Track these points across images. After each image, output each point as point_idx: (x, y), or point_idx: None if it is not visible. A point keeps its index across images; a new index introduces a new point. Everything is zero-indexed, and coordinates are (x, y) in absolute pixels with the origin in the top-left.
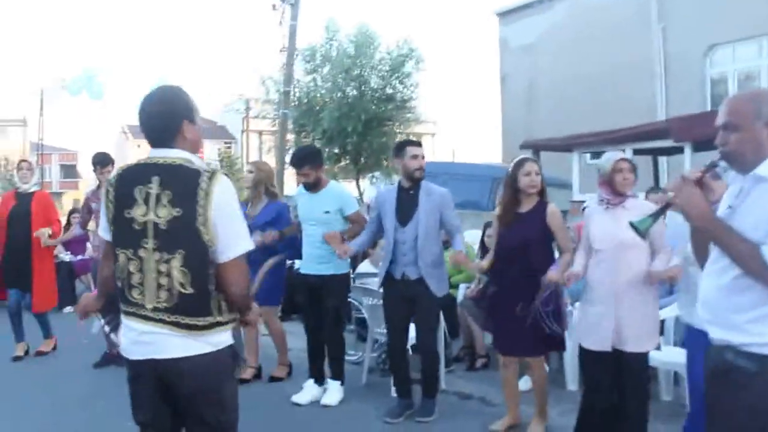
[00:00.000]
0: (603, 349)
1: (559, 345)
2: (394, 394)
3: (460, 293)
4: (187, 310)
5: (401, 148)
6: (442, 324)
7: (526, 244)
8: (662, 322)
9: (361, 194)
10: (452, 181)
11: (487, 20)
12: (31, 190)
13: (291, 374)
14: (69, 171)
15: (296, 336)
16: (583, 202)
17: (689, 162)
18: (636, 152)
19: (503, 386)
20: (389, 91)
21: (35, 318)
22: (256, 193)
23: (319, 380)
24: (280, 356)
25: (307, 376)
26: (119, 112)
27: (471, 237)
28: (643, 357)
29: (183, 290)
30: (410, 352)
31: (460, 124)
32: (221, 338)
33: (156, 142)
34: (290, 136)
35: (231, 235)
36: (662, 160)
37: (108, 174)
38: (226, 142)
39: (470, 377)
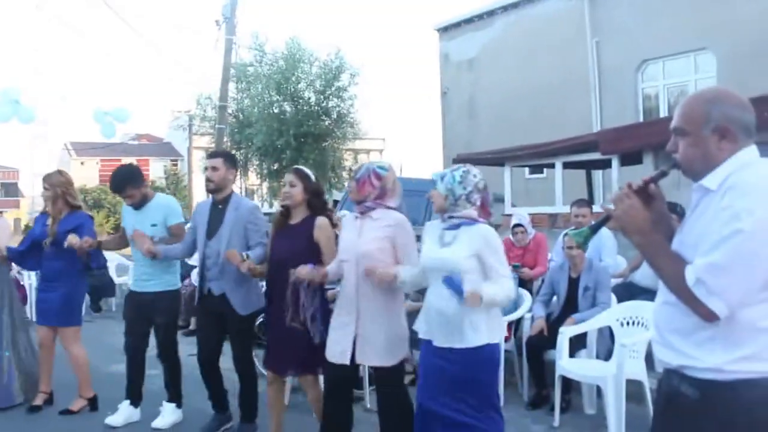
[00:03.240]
0: (341, 362)
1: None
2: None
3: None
4: None
5: None
6: None
7: (290, 256)
8: (585, 334)
9: None
10: None
11: (428, 35)
12: None
13: (96, 408)
14: (10, 189)
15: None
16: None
17: (617, 175)
18: (567, 165)
19: (267, 405)
20: (325, 105)
21: None
22: (54, 211)
23: (136, 401)
24: (81, 387)
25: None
26: (60, 129)
27: None
28: (392, 371)
29: None
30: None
31: (408, 140)
32: None
33: None
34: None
35: None
36: (597, 175)
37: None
38: (172, 160)
39: None
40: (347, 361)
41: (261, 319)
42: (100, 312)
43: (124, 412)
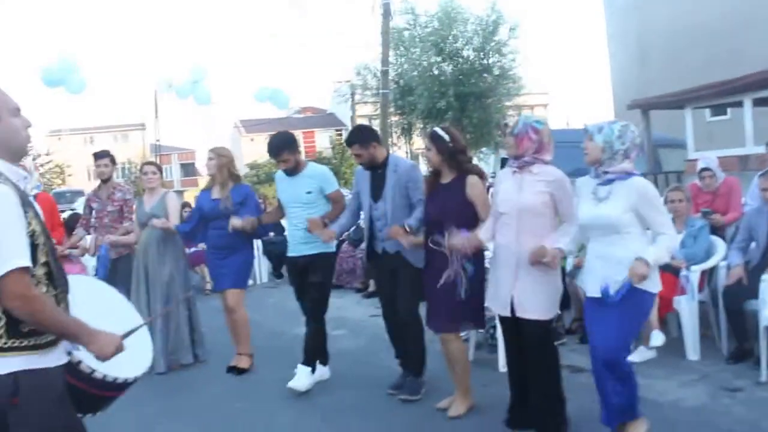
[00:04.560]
0: (503, 314)
1: (478, 321)
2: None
3: (569, 263)
4: None
5: None
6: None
7: (444, 215)
8: None
9: None
10: (561, 149)
11: None
12: (32, 193)
13: (252, 364)
14: (188, 169)
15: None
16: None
17: None
18: (757, 102)
19: (447, 363)
20: (485, 62)
21: None
22: (221, 178)
23: (323, 360)
24: (241, 345)
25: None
26: (231, 107)
27: None
28: (543, 325)
29: None
30: None
31: (573, 91)
32: None
33: None
34: (394, 118)
35: None
36: None
37: (103, 167)
38: (337, 130)
39: (582, 350)
40: (508, 313)
41: None
42: (281, 278)
43: (316, 372)
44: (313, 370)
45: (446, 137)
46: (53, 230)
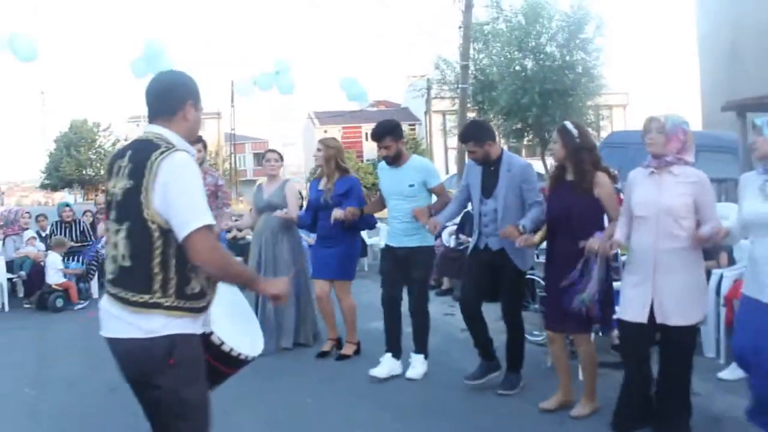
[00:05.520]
0: (638, 320)
1: (605, 322)
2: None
3: None
4: (124, 282)
5: None
6: None
7: (569, 213)
8: None
9: (547, 170)
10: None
11: None
12: None
13: (359, 352)
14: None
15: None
16: None
17: None
18: None
19: (554, 362)
20: (569, 59)
21: None
22: (328, 170)
23: (397, 353)
24: (348, 333)
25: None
26: (305, 99)
27: None
28: (689, 330)
29: (123, 263)
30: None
31: (655, 93)
32: (156, 325)
33: (150, 119)
34: (471, 114)
35: (182, 211)
36: None
37: (195, 152)
38: (410, 124)
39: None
40: (645, 320)
41: (530, 276)
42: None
43: (387, 365)
44: (426, 356)
45: (575, 132)
46: None
